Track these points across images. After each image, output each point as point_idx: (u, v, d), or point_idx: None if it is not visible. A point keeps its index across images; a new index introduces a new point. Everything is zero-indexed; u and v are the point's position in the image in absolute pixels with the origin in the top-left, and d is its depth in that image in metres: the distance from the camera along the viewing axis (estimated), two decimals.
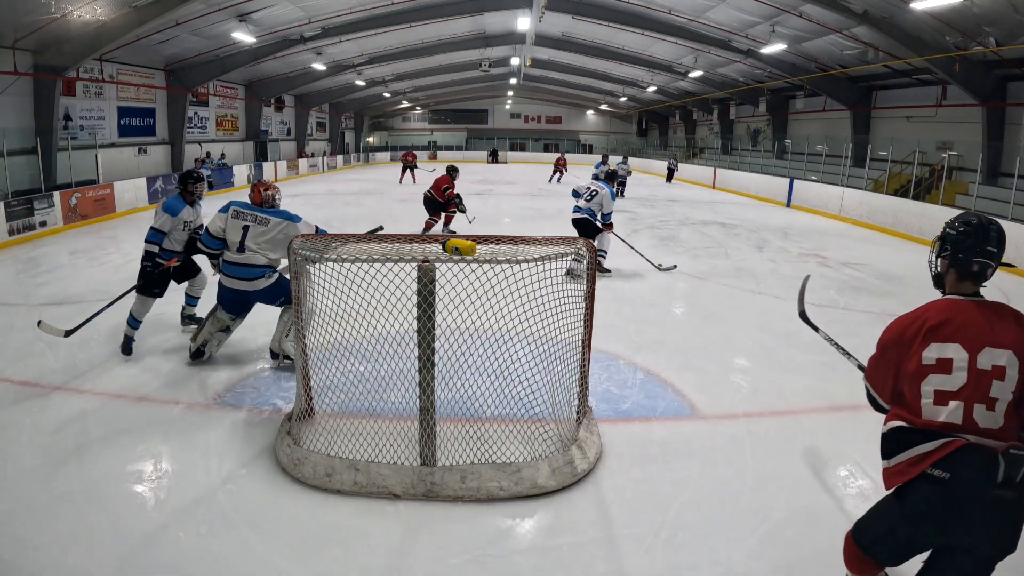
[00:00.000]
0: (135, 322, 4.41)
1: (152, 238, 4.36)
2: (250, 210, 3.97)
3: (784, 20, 13.10)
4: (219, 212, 4.02)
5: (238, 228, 3.92)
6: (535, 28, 17.61)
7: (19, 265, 7.67)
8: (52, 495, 2.70)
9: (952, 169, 12.82)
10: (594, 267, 3.08)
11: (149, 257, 4.38)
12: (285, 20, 14.15)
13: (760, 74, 18.49)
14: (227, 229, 3.96)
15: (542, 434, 3.03)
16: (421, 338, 2.72)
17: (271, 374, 4.09)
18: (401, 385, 3.07)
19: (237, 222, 3.94)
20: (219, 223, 3.98)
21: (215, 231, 3.98)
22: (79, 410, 3.52)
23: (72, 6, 9.98)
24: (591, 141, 37.46)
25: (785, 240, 10.28)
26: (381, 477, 2.76)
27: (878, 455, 1.76)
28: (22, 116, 11.11)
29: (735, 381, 4.16)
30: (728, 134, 24.33)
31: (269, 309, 4.20)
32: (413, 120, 38.02)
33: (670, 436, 3.36)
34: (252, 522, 2.55)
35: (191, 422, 3.42)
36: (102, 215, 11.54)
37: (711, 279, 7.17)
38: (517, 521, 2.62)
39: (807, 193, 15.27)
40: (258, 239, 3.92)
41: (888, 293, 6.75)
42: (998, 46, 10.53)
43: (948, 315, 1.70)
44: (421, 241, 2.98)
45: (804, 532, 2.56)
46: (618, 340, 4.78)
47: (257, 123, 21.22)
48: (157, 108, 15.70)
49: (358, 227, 10.69)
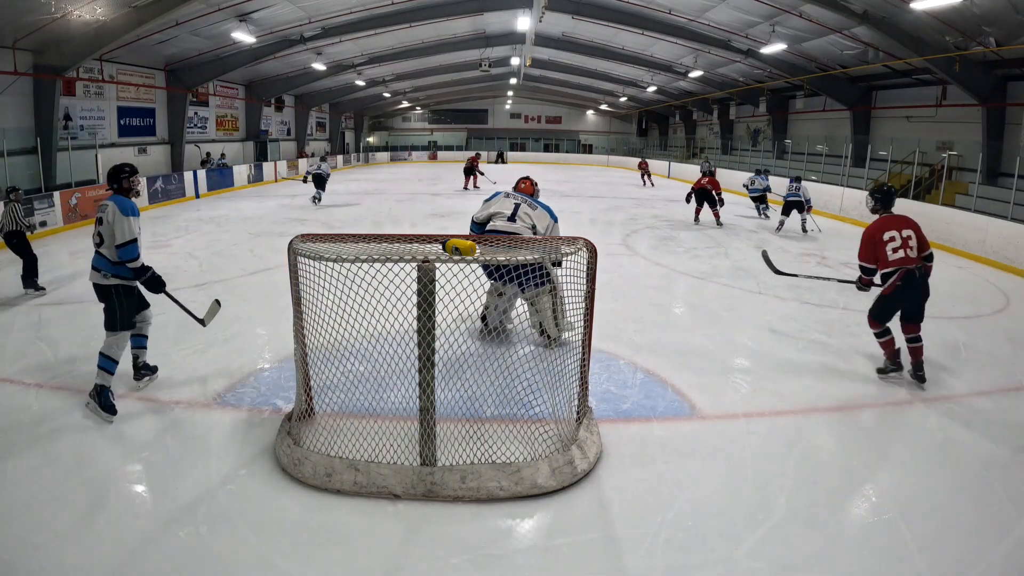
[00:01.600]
0: (113, 365, 3.53)
1: (133, 253, 3.47)
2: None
3: (784, 20, 13.09)
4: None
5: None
6: (535, 28, 17.59)
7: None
8: (52, 495, 2.70)
9: (952, 169, 12.81)
10: (594, 267, 3.08)
11: (142, 273, 3.58)
12: (285, 20, 14.14)
13: (760, 74, 18.48)
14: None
15: (542, 434, 3.03)
16: (421, 338, 2.72)
17: (271, 374, 4.09)
18: (401, 385, 3.07)
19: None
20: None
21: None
22: (79, 410, 3.52)
23: (72, 6, 9.97)
24: (591, 141, 37.46)
25: (785, 240, 10.28)
26: (381, 477, 2.76)
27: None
28: (22, 116, 11.11)
29: (735, 381, 4.16)
30: (728, 134, 24.32)
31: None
32: (413, 120, 38.00)
33: (670, 436, 3.36)
34: (252, 522, 2.55)
35: (191, 422, 3.42)
36: None
37: (711, 279, 7.17)
38: (517, 521, 2.62)
39: (807, 193, 15.24)
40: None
41: None
42: (998, 46, 10.52)
43: (888, 221, 4.08)
44: (421, 241, 2.98)
45: (804, 532, 2.56)
46: (618, 340, 4.78)
47: (257, 123, 21.21)
48: (157, 108, 15.70)
49: (359, 227, 10.71)
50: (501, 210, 4.49)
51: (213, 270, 7.22)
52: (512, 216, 4.43)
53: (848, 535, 2.57)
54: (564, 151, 36.97)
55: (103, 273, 3.52)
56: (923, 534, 2.55)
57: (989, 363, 4.62)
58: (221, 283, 6.59)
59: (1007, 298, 6.83)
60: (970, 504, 2.80)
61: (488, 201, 4.64)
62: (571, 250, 2.96)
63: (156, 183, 13.65)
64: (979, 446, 3.33)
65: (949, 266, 8.69)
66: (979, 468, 3.10)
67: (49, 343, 4.61)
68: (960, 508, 2.77)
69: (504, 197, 4.60)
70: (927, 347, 4.15)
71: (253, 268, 7.32)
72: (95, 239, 3.53)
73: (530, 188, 4.83)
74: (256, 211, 12.94)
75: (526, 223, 4.42)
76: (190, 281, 6.61)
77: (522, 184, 4.90)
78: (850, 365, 4.48)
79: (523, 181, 4.93)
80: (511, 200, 4.55)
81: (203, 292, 6.17)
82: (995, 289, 7.29)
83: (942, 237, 10.01)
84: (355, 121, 33.17)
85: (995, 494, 2.87)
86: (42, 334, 4.85)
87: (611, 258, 8.08)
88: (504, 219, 4.44)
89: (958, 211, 10.25)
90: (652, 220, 12.28)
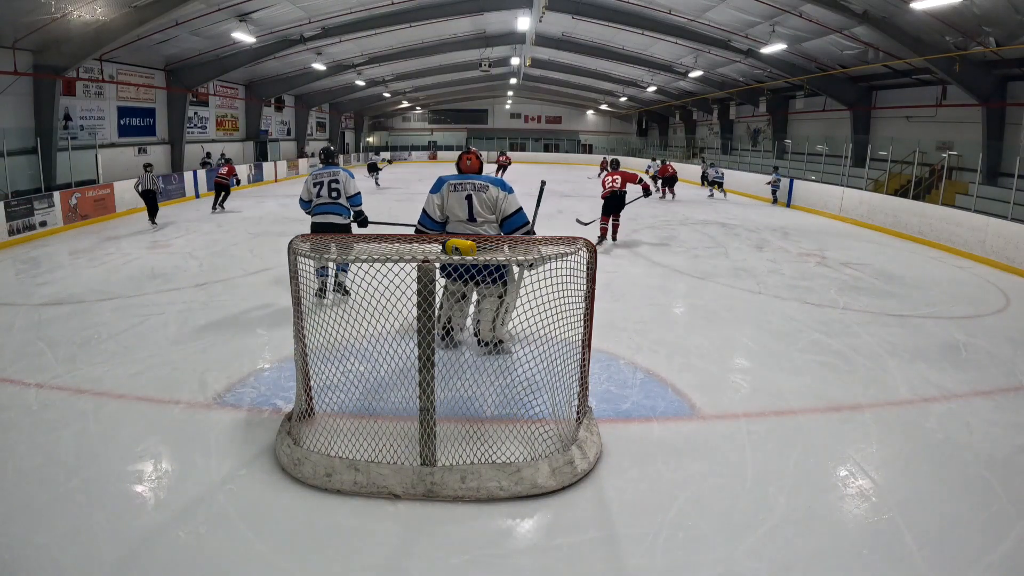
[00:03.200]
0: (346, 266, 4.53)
1: (360, 200, 5.61)
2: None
3: (784, 20, 13.09)
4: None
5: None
6: (535, 28, 17.60)
7: (19, 265, 7.68)
8: (52, 495, 2.70)
9: (952, 169, 12.81)
10: (594, 267, 3.08)
11: (361, 214, 5.64)
12: (285, 20, 14.14)
13: (760, 74, 18.48)
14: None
15: (542, 434, 3.03)
16: (421, 338, 2.72)
17: (271, 374, 4.09)
18: (401, 385, 3.07)
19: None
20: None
21: None
22: (79, 410, 3.52)
23: (72, 6, 9.97)
24: (591, 141, 37.46)
25: (785, 240, 10.28)
26: (381, 477, 2.76)
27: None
28: (22, 116, 11.11)
29: (735, 381, 4.16)
30: (728, 134, 24.32)
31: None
32: (413, 120, 38.01)
33: (670, 436, 3.36)
34: (252, 522, 2.55)
35: (191, 422, 3.42)
36: (102, 215, 11.55)
37: (711, 279, 7.17)
38: (517, 521, 2.62)
39: (807, 193, 15.27)
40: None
41: (888, 293, 6.75)
42: (998, 46, 10.52)
43: (611, 174, 9.05)
44: (421, 241, 2.98)
45: (804, 532, 2.56)
46: (618, 340, 4.78)
47: (257, 123, 21.21)
48: (157, 108, 15.70)
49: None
50: (455, 211, 4.03)
51: (213, 270, 7.22)
52: (470, 215, 4.00)
53: (848, 535, 2.57)
54: (564, 151, 36.97)
55: (343, 216, 5.46)
56: (923, 534, 2.55)
57: (989, 363, 4.62)
58: (221, 283, 6.59)
59: (1007, 298, 6.83)
60: (970, 504, 2.79)
61: (432, 194, 4.09)
62: (571, 250, 2.96)
63: (156, 183, 13.63)
64: (979, 446, 3.33)
65: (949, 266, 8.70)
66: (979, 468, 3.10)
67: (49, 343, 4.61)
68: (960, 508, 2.76)
69: (451, 191, 4.04)
70: (927, 346, 4.40)
71: (253, 268, 7.32)
72: (332, 195, 5.38)
73: (476, 164, 4.20)
74: (256, 211, 12.95)
75: (486, 217, 4.00)
76: (190, 281, 6.61)
77: (466, 161, 4.21)
78: (850, 365, 4.48)
79: (467, 157, 4.23)
80: (460, 193, 4.03)
81: (203, 292, 6.17)
82: (995, 289, 7.28)
83: (942, 237, 10.02)
84: (355, 121, 33.18)
85: (995, 494, 2.87)
86: (42, 334, 4.85)
87: (611, 258, 8.09)
88: (462, 222, 4.01)
89: (958, 211, 10.25)
90: (652, 220, 12.29)
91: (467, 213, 4.00)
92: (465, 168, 4.19)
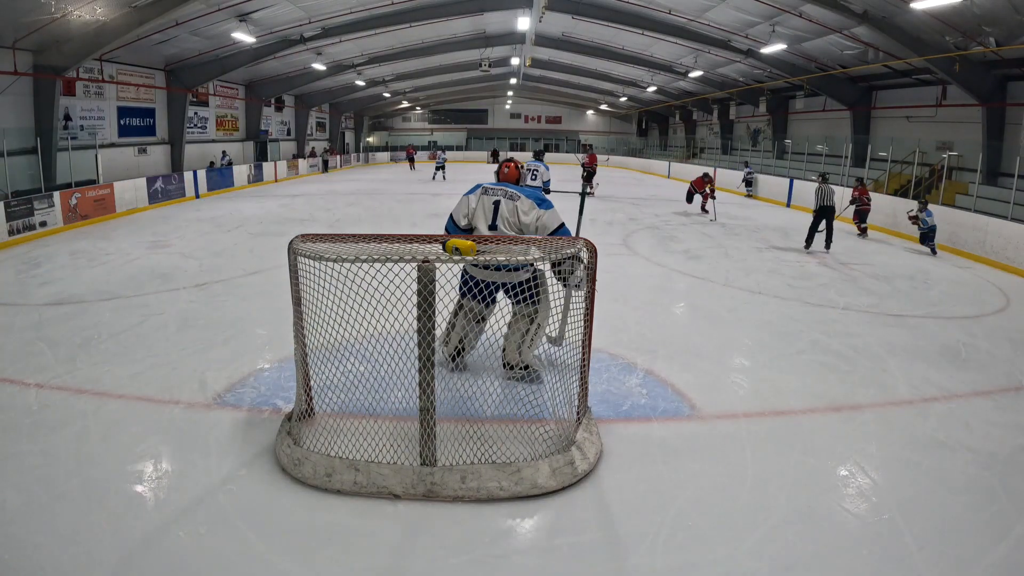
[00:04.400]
0: None
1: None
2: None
3: (784, 20, 13.09)
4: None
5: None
6: (535, 28, 17.60)
7: (19, 265, 7.67)
8: (52, 495, 2.70)
9: (952, 169, 12.81)
10: (594, 267, 3.08)
11: None
12: (285, 20, 14.14)
13: (760, 74, 18.48)
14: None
15: (542, 434, 3.03)
16: (421, 338, 2.72)
17: (271, 374, 4.09)
18: (401, 385, 3.07)
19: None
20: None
21: None
22: (79, 410, 3.52)
23: (72, 6, 9.97)
24: (591, 141, 37.45)
25: (785, 240, 10.28)
26: (381, 477, 2.75)
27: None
28: (22, 116, 11.11)
29: (735, 381, 4.16)
30: (728, 134, 24.31)
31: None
32: (413, 120, 38.00)
33: (670, 436, 3.36)
34: (252, 522, 2.55)
35: (191, 422, 3.42)
36: (102, 215, 11.54)
37: (711, 279, 7.17)
38: (517, 521, 2.62)
39: (807, 193, 15.25)
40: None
41: (888, 293, 6.75)
42: (998, 46, 10.52)
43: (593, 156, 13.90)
44: (421, 241, 2.98)
45: (804, 532, 2.56)
46: (618, 340, 4.78)
47: (257, 123, 21.21)
48: (157, 108, 15.69)
49: (359, 227, 10.70)
50: (480, 216, 3.81)
51: (213, 270, 7.22)
52: (493, 223, 3.75)
53: (848, 535, 2.57)
54: (564, 151, 36.95)
55: None
56: (923, 534, 2.55)
57: (989, 363, 4.62)
58: (221, 283, 6.58)
59: (1007, 298, 6.83)
60: (970, 504, 2.79)
61: (467, 196, 3.88)
62: (571, 250, 2.95)
63: (156, 183, 13.65)
64: (979, 446, 3.33)
65: (949, 266, 8.70)
66: (979, 468, 3.10)
67: (49, 343, 4.61)
68: (960, 508, 2.77)
69: (482, 193, 3.83)
70: (927, 346, 4.38)
71: (253, 268, 7.32)
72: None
73: (515, 173, 4.11)
74: (256, 211, 12.95)
75: (510, 228, 3.73)
76: (190, 281, 6.61)
77: (505, 169, 4.14)
78: (850, 365, 4.48)
79: (506, 165, 4.16)
80: (490, 197, 3.79)
81: (203, 292, 6.17)
82: (995, 289, 7.28)
83: (942, 237, 10.00)
84: (355, 121, 33.17)
85: (995, 494, 2.87)
86: (42, 334, 4.85)
87: (611, 258, 8.09)
88: (484, 228, 3.77)
89: (958, 211, 10.25)
90: (652, 220, 12.28)
91: (490, 219, 3.77)
92: (503, 177, 4.13)
